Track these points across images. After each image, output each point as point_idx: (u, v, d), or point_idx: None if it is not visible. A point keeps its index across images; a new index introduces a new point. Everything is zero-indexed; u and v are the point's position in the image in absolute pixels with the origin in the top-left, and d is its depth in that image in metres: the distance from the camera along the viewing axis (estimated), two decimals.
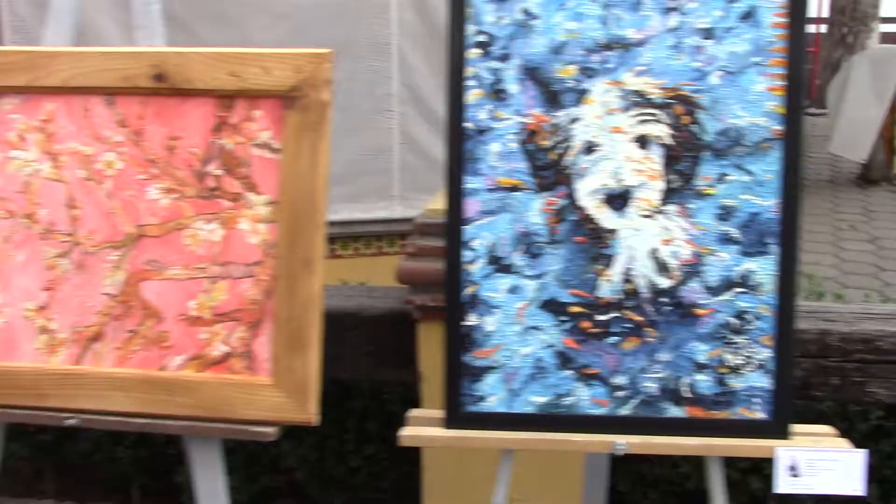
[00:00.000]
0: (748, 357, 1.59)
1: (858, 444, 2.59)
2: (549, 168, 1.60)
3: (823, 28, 10.63)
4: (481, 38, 1.60)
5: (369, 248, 4.45)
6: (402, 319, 2.29)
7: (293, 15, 4.03)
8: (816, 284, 2.96)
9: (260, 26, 3.97)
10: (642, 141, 1.58)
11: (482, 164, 1.62)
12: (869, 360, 2.23)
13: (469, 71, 1.60)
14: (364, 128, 4.12)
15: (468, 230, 1.63)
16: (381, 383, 2.78)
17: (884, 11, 9.76)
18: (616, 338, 1.61)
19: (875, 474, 2.56)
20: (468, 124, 1.62)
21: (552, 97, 1.59)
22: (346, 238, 4.36)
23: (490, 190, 1.62)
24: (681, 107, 1.56)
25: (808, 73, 11.51)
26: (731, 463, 2.34)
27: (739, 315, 1.59)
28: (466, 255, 1.63)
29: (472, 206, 1.63)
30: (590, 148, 1.59)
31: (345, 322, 2.40)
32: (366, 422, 2.86)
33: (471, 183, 1.62)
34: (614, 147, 1.58)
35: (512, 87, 1.60)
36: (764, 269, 1.57)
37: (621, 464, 2.34)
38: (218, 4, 3.94)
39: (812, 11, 11.52)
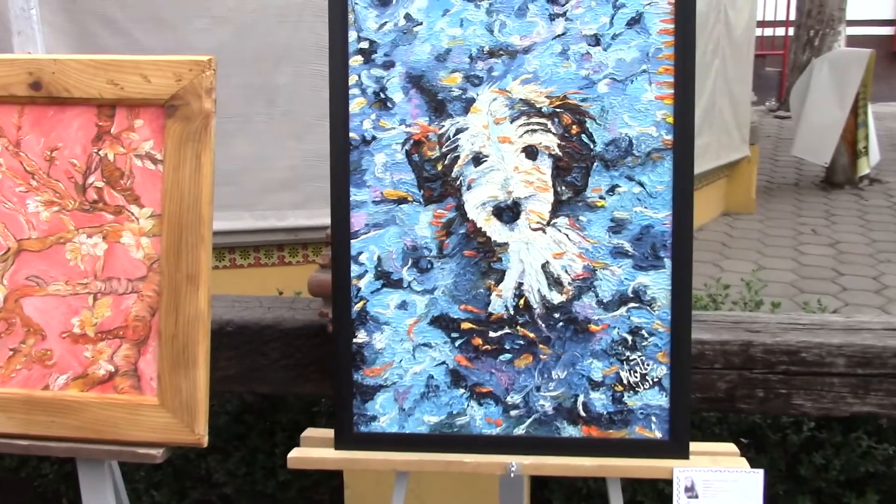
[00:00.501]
0: (644, 374, 1.53)
1: (792, 457, 2.56)
2: (437, 179, 1.55)
3: (791, 31, 10.67)
4: (363, 44, 1.54)
5: (318, 255, 4.38)
6: (321, 332, 2.23)
7: (233, 19, 3.96)
8: (754, 293, 2.91)
9: (198, 30, 3.90)
10: (531, 151, 1.52)
11: (368, 176, 1.56)
12: (793, 372, 2.18)
13: (352, 79, 1.55)
14: (309, 133, 4.05)
15: (355, 244, 1.57)
16: (315, 396, 2.72)
17: (850, 14, 9.80)
18: (509, 355, 1.56)
19: (808, 485, 2.53)
20: (353, 135, 1.56)
21: (438, 106, 1.54)
22: (295, 245, 4.30)
23: (376, 202, 1.56)
24: (569, 116, 1.51)
25: (778, 77, 11.55)
26: None
27: (634, 331, 1.53)
28: (354, 269, 1.58)
29: (358, 220, 1.57)
30: (477, 158, 1.53)
31: (264, 335, 2.34)
32: (296, 435, 2.79)
33: (357, 195, 1.56)
34: (502, 158, 1.53)
35: (396, 95, 1.55)
36: (657, 283, 1.52)
37: (554, 477, 2.28)
38: (154, 7, 3.86)
39: (780, 14, 11.56)
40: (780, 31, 11.79)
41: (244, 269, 4.24)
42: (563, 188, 1.52)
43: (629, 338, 1.53)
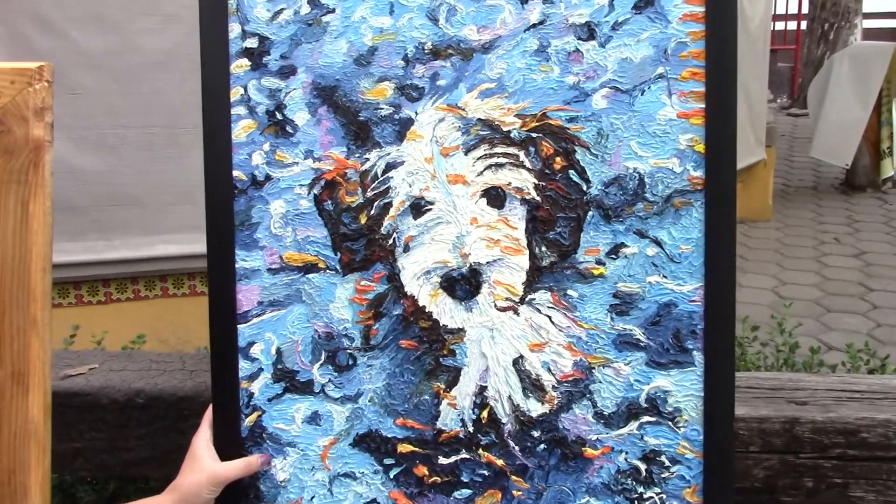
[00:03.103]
0: None
1: None
2: (360, 238, 1.06)
3: (804, 24, 10.17)
4: (251, 42, 1.06)
5: None
6: None
7: (186, 17, 3.47)
8: (788, 336, 2.41)
9: (147, 29, 3.42)
10: (495, 196, 1.03)
11: (261, 233, 1.07)
12: (851, 457, 1.71)
13: (235, 93, 1.06)
14: None
15: (245, 331, 1.09)
16: None
17: (867, 7, 9.29)
18: (467, 491, 1.07)
19: None
20: (237, 173, 1.07)
21: (359, 131, 1.05)
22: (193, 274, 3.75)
23: (273, 271, 1.08)
24: (550, 143, 1.02)
25: (790, 73, 11.06)
26: None
27: (649, 457, 1.05)
28: (244, 367, 1.09)
29: (248, 296, 1.08)
30: (418, 207, 1.05)
31: (182, 407, 1.86)
32: None
33: (245, 260, 1.08)
34: (454, 205, 1.04)
35: (300, 116, 1.06)
36: (683, 387, 1.03)
37: None
38: (96, 5, 3.38)
39: (792, 7, 11.06)
40: (792, 25, 11.27)
41: (204, 297, 3.73)
42: (544, 249, 1.03)
43: (643, 467, 1.04)
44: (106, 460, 1.65)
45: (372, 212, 1.06)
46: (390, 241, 1.06)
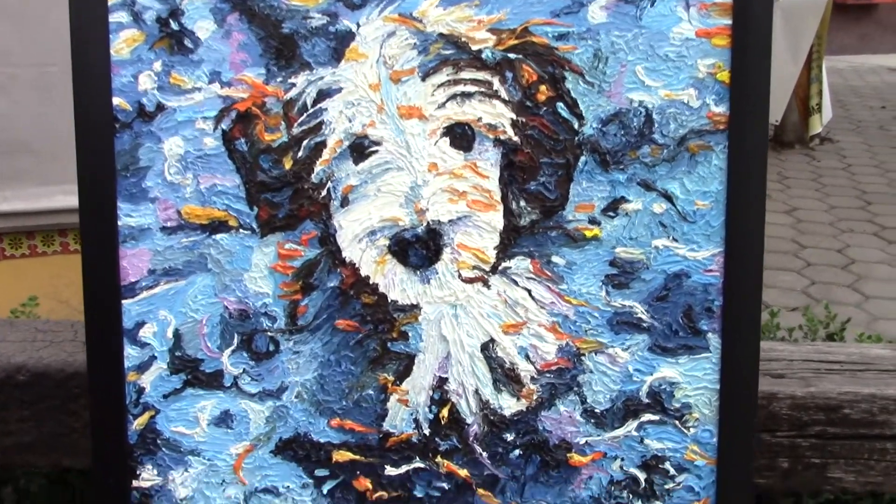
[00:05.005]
0: None
1: None
2: (283, 187, 0.81)
3: None
4: None
5: None
6: None
7: None
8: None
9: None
10: (461, 135, 0.80)
11: (151, 180, 0.81)
12: (831, 435, 1.56)
13: None
14: None
15: (131, 308, 0.83)
16: None
17: None
18: None
19: None
20: (118, 101, 0.81)
21: (282, 47, 0.80)
22: None
23: (169, 230, 0.82)
24: (533, 68, 0.79)
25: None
26: None
27: (650, 464, 0.84)
28: (131, 354, 0.84)
29: (135, 263, 0.82)
30: (360, 148, 0.80)
31: (71, 386, 1.61)
32: None
33: (130, 216, 0.82)
34: (407, 146, 0.80)
35: (202, 26, 0.80)
36: (694, 378, 0.82)
37: None
38: None
39: None
40: None
41: (48, 256, 3.39)
42: (523, 204, 0.80)
43: (642, 476, 0.83)
44: None
45: (299, 154, 0.81)
46: (323, 193, 0.81)
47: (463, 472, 0.84)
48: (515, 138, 0.80)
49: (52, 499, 1.84)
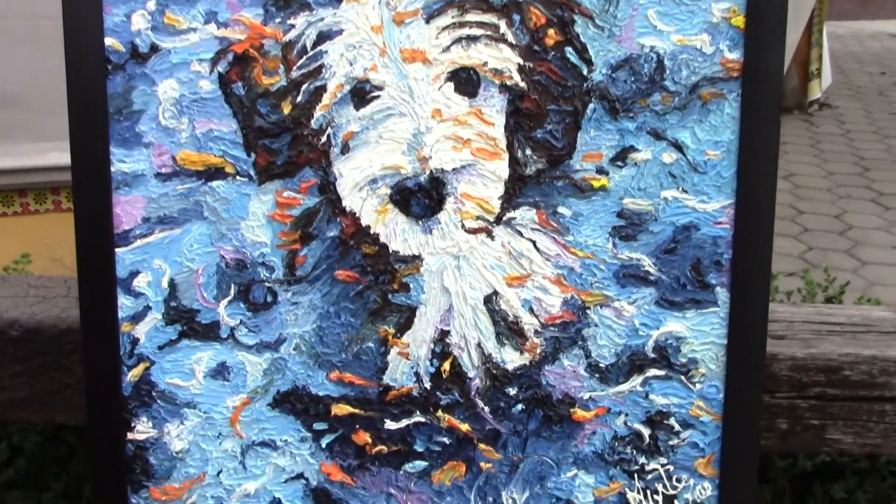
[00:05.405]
0: (670, 498, 0.83)
1: (802, 488, 1.94)
2: (282, 133, 0.79)
3: None
4: None
5: None
6: None
7: None
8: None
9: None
10: (466, 80, 0.77)
11: (145, 124, 0.79)
12: (830, 396, 1.55)
13: None
14: None
15: (125, 257, 0.81)
16: None
17: None
18: (422, 462, 0.83)
19: None
20: (110, 42, 0.78)
21: None
22: None
23: (164, 176, 0.80)
24: (540, 10, 0.76)
25: None
26: None
27: (655, 420, 0.82)
28: (125, 305, 0.82)
29: (129, 210, 0.80)
30: (361, 92, 0.77)
31: (65, 342, 1.59)
32: None
33: (124, 162, 0.79)
34: (410, 92, 0.77)
35: None
36: (701, 333, 0.81)
37: None
38: None
39: None
40: None
41: (40, 215, 3.36)
42: (529, 153, 0.78)
43: (646, 432, 0.82)
44: None
45: (298, 98, 0.78)
46: (323, 139, 0.79)
47: (464, 427, 0.83)
48: (522, 84, 0.77)
49: (47, 456, 1.82)
